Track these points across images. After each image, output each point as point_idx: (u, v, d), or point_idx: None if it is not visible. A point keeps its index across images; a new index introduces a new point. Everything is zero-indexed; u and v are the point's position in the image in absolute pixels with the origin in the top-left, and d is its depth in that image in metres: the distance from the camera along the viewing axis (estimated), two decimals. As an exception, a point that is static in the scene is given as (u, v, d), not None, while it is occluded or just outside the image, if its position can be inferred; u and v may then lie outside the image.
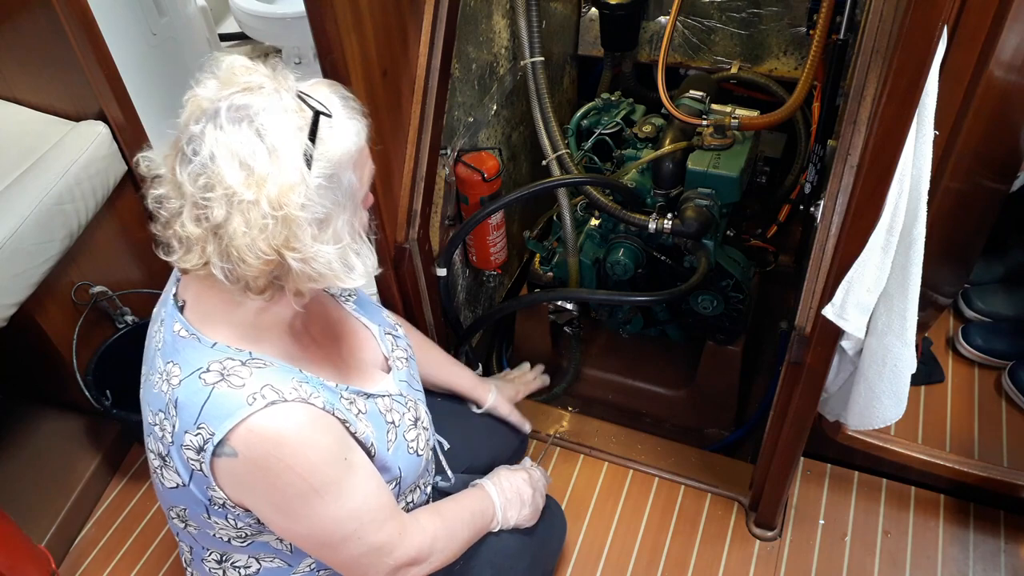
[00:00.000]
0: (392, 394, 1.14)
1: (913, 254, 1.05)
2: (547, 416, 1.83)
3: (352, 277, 0.94)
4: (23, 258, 1.44)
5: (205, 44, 2.45)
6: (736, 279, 1.80)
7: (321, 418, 0.97)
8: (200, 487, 0.97)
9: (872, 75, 1.15)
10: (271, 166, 0.86)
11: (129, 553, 1.66)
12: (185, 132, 0.89)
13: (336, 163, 0.91)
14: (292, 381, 0.96)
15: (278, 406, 0.92)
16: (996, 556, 1.53)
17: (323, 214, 0.90)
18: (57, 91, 1.60)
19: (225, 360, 0.95)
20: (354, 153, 0.94)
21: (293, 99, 0.89)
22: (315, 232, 0.90)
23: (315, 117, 0.89)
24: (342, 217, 0.93)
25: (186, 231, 0.89)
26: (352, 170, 0.94)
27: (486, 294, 2.13)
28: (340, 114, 0.93)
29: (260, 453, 0.92)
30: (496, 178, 1.75)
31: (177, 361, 0.96)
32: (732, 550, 1.57)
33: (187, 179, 0.87)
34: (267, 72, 0.92)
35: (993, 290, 1.91)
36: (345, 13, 1.18)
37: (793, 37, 2.00)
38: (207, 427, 0.91)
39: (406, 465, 1.11)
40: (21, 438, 1.79)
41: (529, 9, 1.76)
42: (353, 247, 0.95)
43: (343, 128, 0.92)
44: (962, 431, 1.70)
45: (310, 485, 0.95)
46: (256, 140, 0.86)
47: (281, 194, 0.86)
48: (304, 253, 0.89)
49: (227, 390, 0.92)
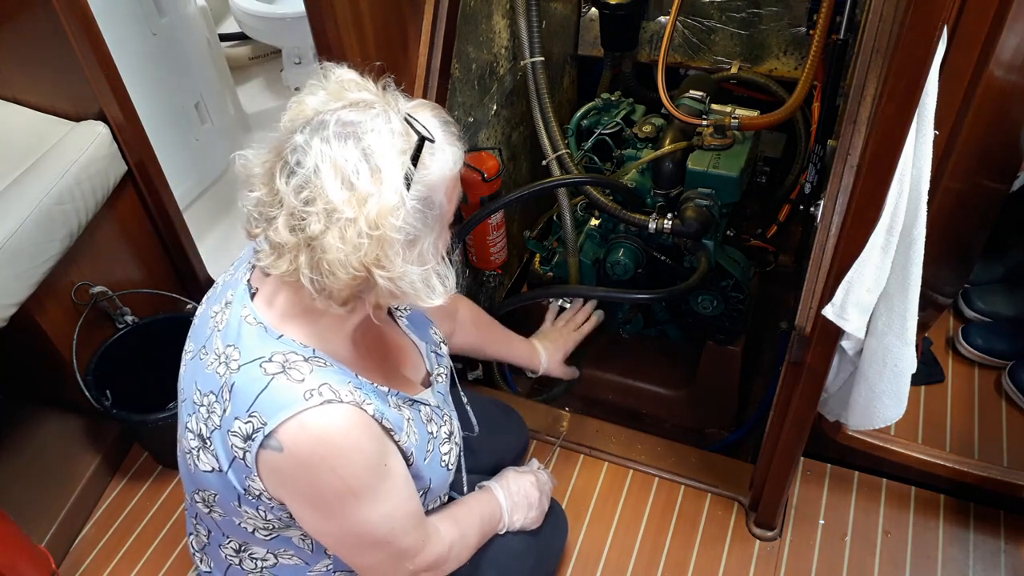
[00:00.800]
0: (431, 405, 1.15)
1: (913, 254, 1.05)
2: (547, 416, 1.83)
3: (433, 297, 0.95)
4: (23, 258, 1.44)
5: (205, 44, 2.45)
6: (736, 279, 1.80)
7: (369, 425, 0.98)
8: (239, 475, 0.97)
9: (872, 75, 1.14)
10: (374, 186, 0.87)
11: (129, 553, 1.66)
12: (289, 140, 0.90)
13: (432, 187, 0.93)
14: (349, 384, 0.97)
15: (333, 405, 0.93)
16: (996, 556, 1.53)
17: (413, 235, 0.92)
18: (57, 91, 1.60)
19: (289, 353, 0.96)
20: (450, 178, 0.96)
21: (401, 122, 0.91)
22: (405, 252, 0.91)
23: (420, 142, 0.90)
24: (429, 239, 0.95)
25: (280, 238, 0.90)
26: (444, 194, 0.96)
27: (486, 294, 2.13)
28: (441, 139, 0.95)
29: (306, 451, 0.93)
30: (496, 178, 1.75)
31: (239, 346, 0.97)
32: (732, 550, 1.57)
33: (289, 189, 0.89)
34: (376, 91, 0.94)
35: (993, 290, 1.91)
36: (345, 13, 1.18)
37: (793, 37, 2.00)
38: (259, 416, 0.92)
39: (437, 477, 1.12)
40: (21, 438, 1.78)
41: (529, 9, 1.76)
42: (437, 269, 0.96)
43: (443, 153, 0.94)
44: (962, 431, 1.70)
45: (349, 487, 0.96)
46: (361, 158, 0.87)
47: (380, 215, 0.87)
48: (392, 272, 0.90)
49: (286, 382, 0.93)
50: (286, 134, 0.91)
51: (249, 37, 3.05)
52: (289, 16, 2.74)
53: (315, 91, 0.93)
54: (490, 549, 1.27)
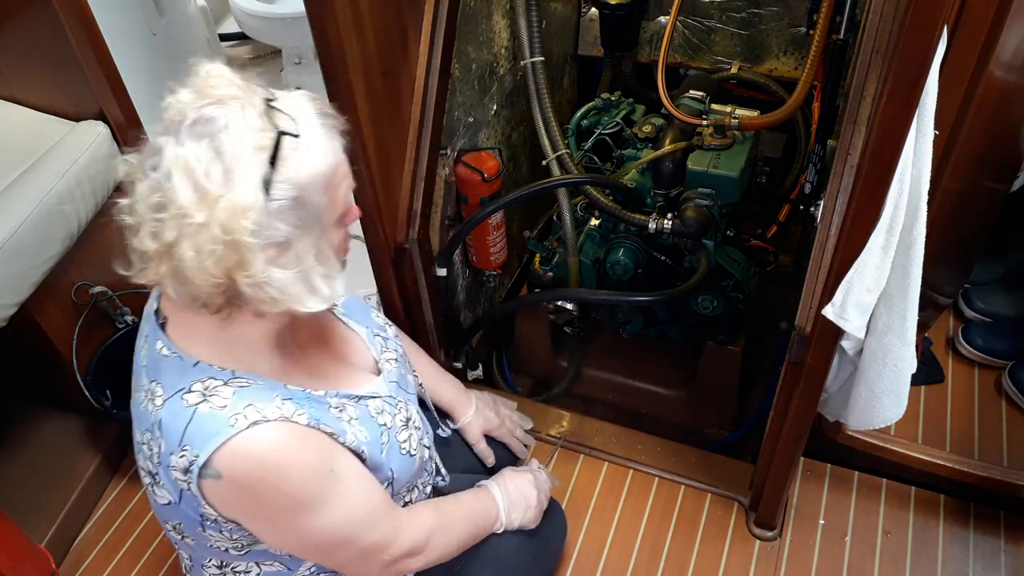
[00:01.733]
0: (382, 396, 1.13)
1: (913, 254, 1.05)
2: (547, 416, 1.83)
3: (312, 301, 0.91)
4: (23, 258, 1.44)
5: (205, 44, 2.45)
6: (736, 279, 1.80)
7: (305, 435, 0.96)
8: (191, 505, 0.96)
9: (872, 75, 1.15)
10: (224, 187, 0.82)
11: (129, 553, 1.66)
12: (153, 142, 0.87)
13: (302, 185, 0.87)
14: (275, 400, 0.95)
15: (260, 426, 0.91)
16: (996, 556, 1.53)
17: (283, 237, 0.87)
18: (57, 91, 1.60)
19: (207, 380, 0.94)
20: (325, 175, 0.90)
21: (258, 116, 0.85)
22: (272, 255, 0.87)
23: (278, 137, 0.85)
24: (306, 240, 0.90)
25: (142, 246, 0.86)
26: (322, 192, 0.90)
27: (486, 294, 2.13)
28: (314, 133, 0.89)
29: (244, 474, 0.92)
30: (496, 178, 1.75)
31: (160, 380, 0.95)
32: (732, 550, 1.57)
33: (143, 196, 0.85)
34: (241, 84, 0.89)
35: (993, 290, 1.91)
36: (345, 13, 1.18)
37: (793, 37, 2.00)
38: (191, 449, 0.90)
39: (399, 466, 1.11)
40: (21, 438, 1.78)
41: (529, 9, 1.76)
42: (319, 270, 0.92)
43: (313, 148, 0.88)
44: (962, 431, 1.70)
45: (297, 501, 0.95)
46: (213, 158, 0.83)
47: (231, 218, 0.82)
48: (255, 278, 0.86)
49: (209, 411, 0.91)
50: (154, 137, 0.87)
51: (249, 37, 3.05)
52: (289, 16, 2.74)
53: (181, 90, 0.88)
54: (488, 548, 1.27)
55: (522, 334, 2.17)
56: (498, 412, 1.54)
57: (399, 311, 1.60)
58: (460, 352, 1.89)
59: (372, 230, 1.45)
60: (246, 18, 2.82)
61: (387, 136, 1.41)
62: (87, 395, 1.61)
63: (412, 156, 1.50)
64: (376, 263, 1.53)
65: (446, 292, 1.75)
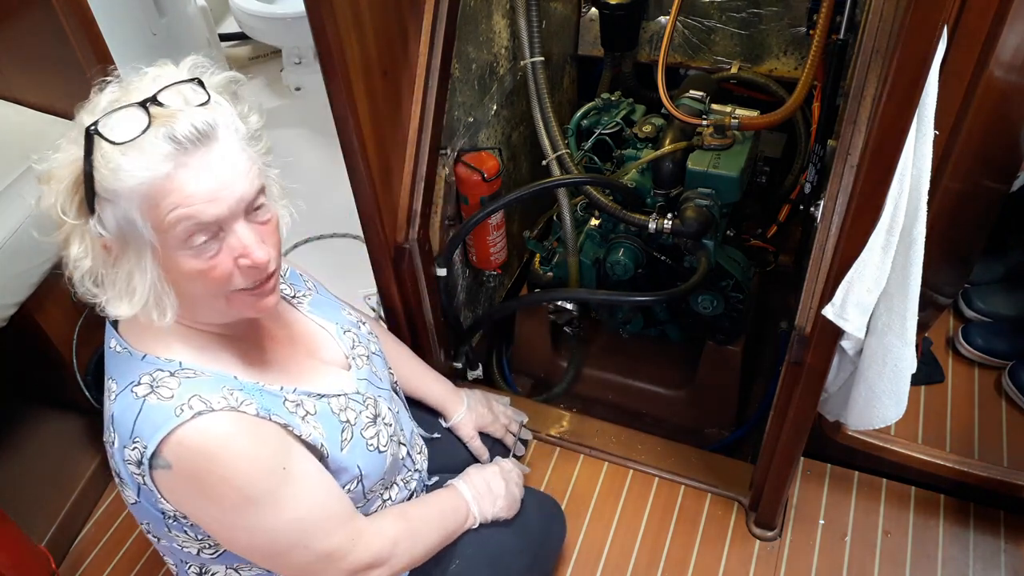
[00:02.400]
0: (348, 393, 1.12)
1: (913, 254, 1.05)
2: (547, 416, 1.83)
3: (120, 308, 0.92)
4: (23, 258, 1.44)
5: (205, 44, 2.45)
6: (736, 279, 1.80)
7: (254, 425, 0.95)
8: (149, 501, 0.96)
9: (872, 75, 1.15)
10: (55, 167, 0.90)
11: (129, 553, 1.66)
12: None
13: (114, 192, 0.86)
14: (223, 390, 0.95)
15: (205, 416, 0.91)
16: (996, 556, 1.53)
17: (109, 236, 0.89)
18: (57, 91, 1.60)
19: (155, 371, 0.94)
20: (136, 191, 0.85)
21: (80, 132, 0.87)
22: (99, 251, 0.91)
23: (88, 135, 0.87)
24: (133, 251, 0.89)
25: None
26: (137, 208, 0.86)
27: (486, 294, 2.13)
28: (143, 146, 0.85)
29: (192, 465, 0.92)
30: (496, 178, 1.75)
31: (114, 376, 0.96)
32: (732, 550, 1.57)
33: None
34: (117, 87, 0.93)
35: (993, 290, 1.91)
36: (345, 13, 1.18)
37: (793, 37, 2.00)
38: (141, 440, 0.91)
39: (366, 463, 1.10)
40: (21, 438, 1.79)
41: (529, 9, 1.76)
42: (145, 293, 0.91)
43: (127, 160, 0.85)
44: (962, 431, 1.70)
45: (245, 496, 0.94)
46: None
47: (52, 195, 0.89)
48: (67, 258, 0.93)
49: (156, 402, 0.91)
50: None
51: (249, 37, 3.05)
52: (289, 16, 2.74)
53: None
54: (485, 547, 1.27)
55: (522, 334, 2.17)
56: (491, 408, 1.54)
57: (399, 311, 1.60)
58: (460, 352, 1.88)
59: (372, 230, 1.45)
60: (246, 18, 2.82)
61: (387, 136, 1.41)
62: (87, 395, 1.61)
63: (412, 156, 1.50)
64: (376, 263, 1.53)
65: (446, 292, 1.75)
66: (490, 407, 1.54)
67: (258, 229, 0.93)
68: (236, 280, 0.93)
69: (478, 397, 1.53)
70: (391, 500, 1.20)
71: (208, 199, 0.87)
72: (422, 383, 1.46)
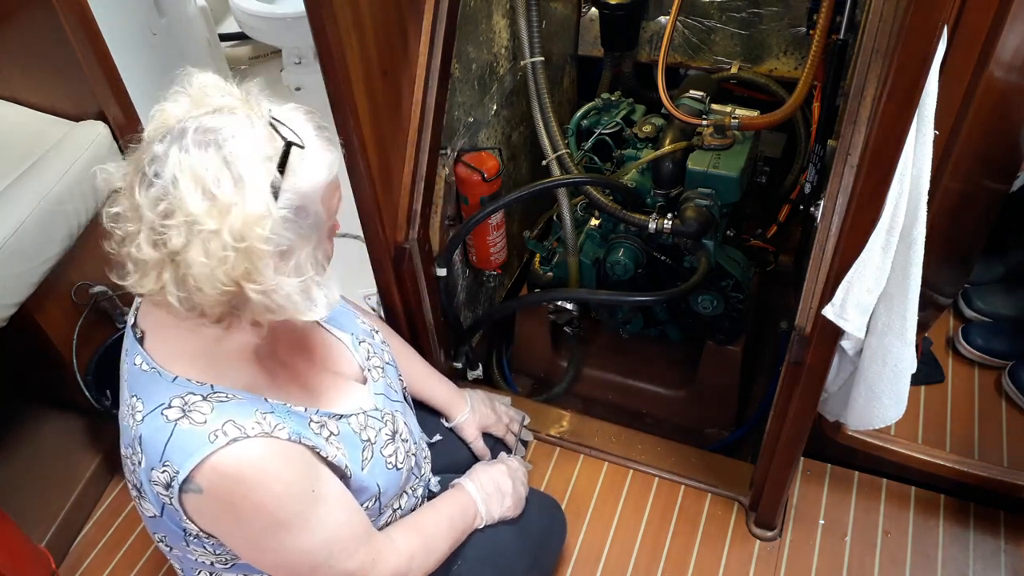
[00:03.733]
0: (367, 410, 1.12)
1: (913, 254, 1.05)
2: (547, 416, 1.83)
3: (313, 310, 0.92)
4: (23, 258, 1.44)
5: (205, 44, 2.45)
6: (736, 279, 1.80)
7: (286, 450, 0.95)
8: (173, 519, 0.96)
9: (872, 75, 1.15)
10: (236, 195, 0.83)
11: (129, 553, 1.66)
12: (148, 150, 0.87)
13: (304, 195, 0.89)
14: (256, 414, 0.94)
15: (240, 443, 0.91)
16: (996, 556, 1.53)
17: (287, 246, 0.89)
18: (57, 91, 1.60)
19: (187, 395, 0.93)
20: (324, 186, 0.92)
21: (265, 127, 0.87)
22: (277, 264, 0.88)
23: (286, 148, 0.87)
24: (306, 249, 0.92)
25: (142, 254, 0.86)
26: (320, 203, 0.92)
27: (486, 294, 2.13)
28: (313, 145, 0.91)
29: (224, 490, 0.91)
30: (496, 178, 1.75)
31: (140, 396, 0.95)
32: (732, 550, 1.57)
33: (146, 202, 0.84)
34: (240, 96, 0.90)
35: (993, 290, 1.91)
36: (345, 13, 1.18)
37: (793, 37, 2.00)
38: (172, 465, 0.90)
39: (385, 481, 1.11)
40: (21, 438, 1.78)
41: (529, 9, 1.76)
42: (316, 279, 0.93)
43: (315, 160, 0.91)
44: (962, 431, 1.70)
45: (276, 519, 0.94)
46: (222, 167, 0.83)
47: (245, 226, 0.83)
48: (264, 285, 0.87)
49: (189, 427, 0.91)
50: (147, 145, 0.88)
51: (249, 37, 3.05)
52: (289, 16, 2.74)
53: (177, 98, 0.89)
54: (486, 548, 1.27)
55: (522, 334, 2.17)
56: (494, 408, 1.55)
57: (399, 311, 1.60)
58: (460, 352, 1.88)
59: (372, 230, 1.45)
60: (246, 18, 2.82)
61: (387, 136, 1.41)
62: (87, 395, 1.61)
63: (412, 156, 1.50)
64: (376, 263, 1.52)
65: (446, 292, 1.75)
66: (493, 407, 1.55)
67: None
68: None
69: (481, 397, 1.53)
70: (400, 509, 1.20)
71: (336, 186, 0.97)
72: (427, 385, 1.46)
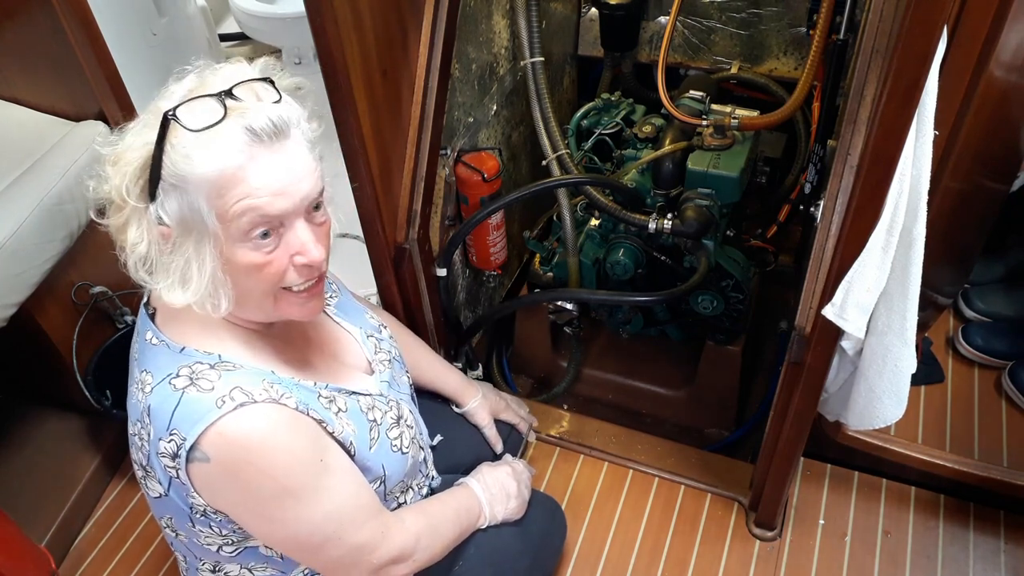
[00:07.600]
0: (373, 394, 1.13)
1: (913, 254, 1.05)
2: (547, 416, 1.83)
3: (175, 296, 0.93)
4: (23, 258, 1.44)
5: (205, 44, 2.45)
6: (736, 279, 1.80)
7: (294, 419, 0.96)
8: (179, 495, 0.96)
9: (872, 75, 1.15)
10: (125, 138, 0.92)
11: (129, 553, 1.66)
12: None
13: (182, 179, 0.87)
14: (263, 383, 0.95)
15: (248, 408, 0.92)
16: (996, 556, 1.53)
17: (169, 223, 0.90)
18: (57, 91, 1.60)
19: (194, 364, 0.94)
20: (206, 181, 0.86)
21: (156, 117, 0.89)
22: (156, 237, 0.91)
23: (164, 119, 0.88)
24: (191, 240, 0.90)
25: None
26: (205, 199, 0.87)
27: (486, 294, 2.13)
28: (216, 135, 0.86)
29: (232, 457, 0.92)
30: (496, 178, 1.75)
31: (149, 369, 0.96)
32: (732, 550, 1.57)
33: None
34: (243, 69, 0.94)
35: (993, 290, 1.91)
36: (345, 13, 1.18)
37: (793, 37, 2.00)
38: (179, 432, 0.91)
39: (390, 463, 1.11)
40: (21, 438, 1.78)
41: (529, 9, 1.76)
42: (204, 283, 0.91)
43: (203, 148, 0.86)
44: (962, 431, 1.70)
45: (284, 487, 0.95)
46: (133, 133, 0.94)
47: (118, 155, 0.91)
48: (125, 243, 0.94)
49: (196, 394, 0.92)
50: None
51: (249, 37, 3.04)
52: (289, 16, 2.74)
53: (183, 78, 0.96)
54: (486, 548, 1.27)
55: (522, 334, 2.17)
56: (502, 396, 1.61)
57: (399, 311, 1.60)
58: (460, 352, 1.89)
59: (372, 230, 1.45)
60: (246, 18, 2.82)
61: (387, 136, 1.41)
62: (87, 395, 1.61)
63: (412, 156, 1.50)
64: (376, 263, 1.53)
65: (446, 292, 1.75)
66: (500, 395, 1.60)
67: (315, 230, 0.95)
68: (289, 277, 0.94)
69: (489, 386, 1.60)
70: (405, 504, 1.21)
71: (276, 193, 0.89)
72: (439, 374, 1.49)
